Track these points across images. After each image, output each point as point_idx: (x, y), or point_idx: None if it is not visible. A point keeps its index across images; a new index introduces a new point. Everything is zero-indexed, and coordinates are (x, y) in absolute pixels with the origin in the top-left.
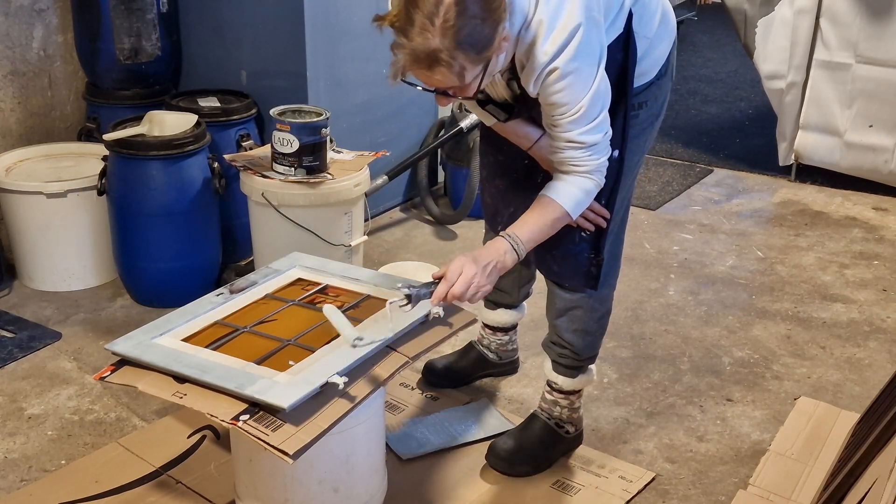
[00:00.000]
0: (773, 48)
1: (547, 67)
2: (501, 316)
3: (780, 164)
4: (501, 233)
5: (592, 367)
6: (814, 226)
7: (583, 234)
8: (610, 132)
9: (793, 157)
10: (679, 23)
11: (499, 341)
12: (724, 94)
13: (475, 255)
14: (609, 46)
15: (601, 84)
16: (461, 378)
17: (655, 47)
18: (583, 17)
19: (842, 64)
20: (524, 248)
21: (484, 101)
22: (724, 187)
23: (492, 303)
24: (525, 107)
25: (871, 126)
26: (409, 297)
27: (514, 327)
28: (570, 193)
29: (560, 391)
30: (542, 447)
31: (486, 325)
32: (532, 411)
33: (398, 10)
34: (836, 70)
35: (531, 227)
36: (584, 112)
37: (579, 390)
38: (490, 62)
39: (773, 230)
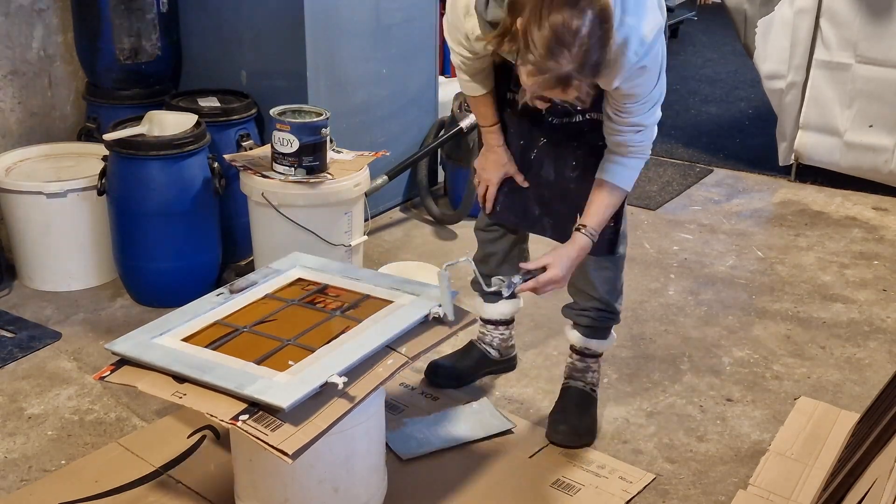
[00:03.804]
0: (773, 48)
1: (637, 66)
2: (503, 307)
3: (780, 163)
4: (579, 229)
5: (613, 332)
6: (814, 226)
7: None
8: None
9: (793, 157)
10: (679, 23)
11: (500, 336)
12: (724, 93)
13: (559, 254)
14: None
15: (663, 71)
16: (464, 378)
17: None
18: (661, 17)
19: (842, 64)
20: (596, 233)
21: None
22: (723, 187)
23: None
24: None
25: (870, 126)
26: (499, 290)
27: (512, 320)
28: (629, 176)
29: (593, 355)
30: (591, 414)
31: (486, 322)
32: (564, 384)
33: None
34: (835, 70)
35: (602, 214)
36: (651, 97)
37: (603, 353)
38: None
39: (772, 230)
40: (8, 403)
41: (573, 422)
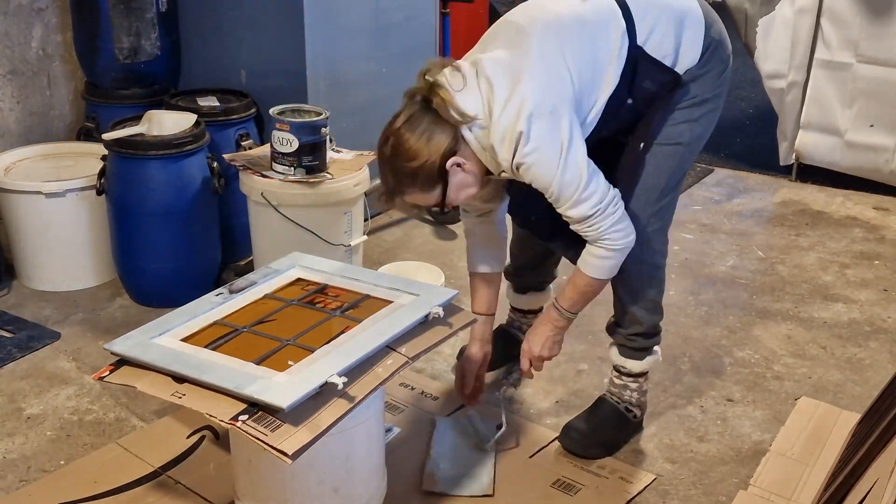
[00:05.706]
0: (774, 47)
1: (511, 165)
2: (529, 299)
3: (781, 163)
4: (550, 304)
5: (657, 348)
6: (815, 226)
7: None
8: (603, 201)
9: (793, 156)
10: None
11: (528, 324)
12: None
13: (534, 330)
14: (613, 96)
15: (569, 165)
16: (493, 362)
17: (686, 54)
18: (524, 124)
19: (843, 63)
20: (570, 313)
21: None
22: (724, 187)
23: (521, 287)
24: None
25: (871, 126)
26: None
27: (541, 309)
28: (593, 265)
29: (630, 374)
30: (613, 431)
31: (515, 309)
32: (600, 395)
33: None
34: (836, 69)
35: (573, 297)
36: (558, 194)
37: (646, 372)
38: (448, 183)
39: (773, 230)
40: (7, 404)
41: (587, 431)
